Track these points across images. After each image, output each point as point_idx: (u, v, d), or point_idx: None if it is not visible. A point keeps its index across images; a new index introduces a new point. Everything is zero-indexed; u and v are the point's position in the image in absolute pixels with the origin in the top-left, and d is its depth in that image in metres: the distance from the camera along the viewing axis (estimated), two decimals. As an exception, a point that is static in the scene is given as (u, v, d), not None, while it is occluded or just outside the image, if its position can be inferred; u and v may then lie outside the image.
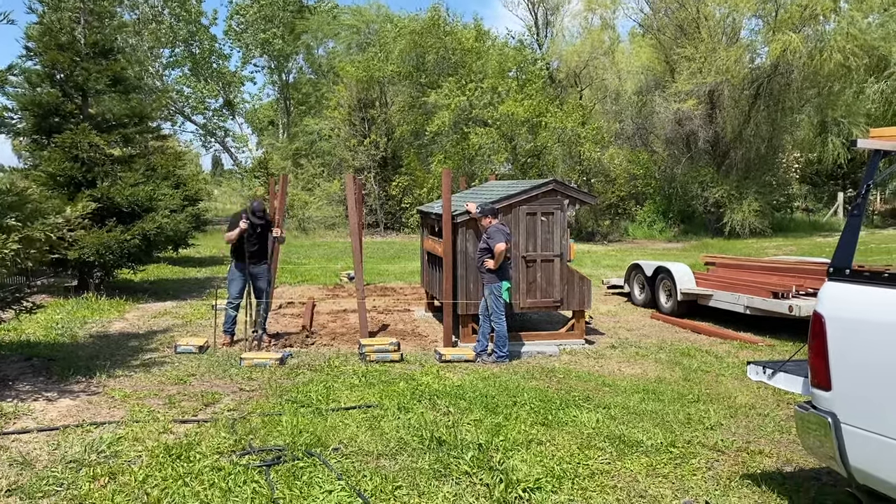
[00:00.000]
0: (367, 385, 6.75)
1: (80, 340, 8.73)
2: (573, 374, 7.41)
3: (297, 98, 42.39)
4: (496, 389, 6.60)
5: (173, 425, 5.54)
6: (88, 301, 11.13)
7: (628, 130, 31.73)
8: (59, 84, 11.53)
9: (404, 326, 10.16)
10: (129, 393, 6.43)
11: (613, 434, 5.34)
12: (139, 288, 13.20)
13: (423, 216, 11.16)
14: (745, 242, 24.87)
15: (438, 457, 4.80)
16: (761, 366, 4.25)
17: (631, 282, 12.25)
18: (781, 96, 26.73)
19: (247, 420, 5.63)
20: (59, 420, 5.66)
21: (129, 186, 11.41)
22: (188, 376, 7.10)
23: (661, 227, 30.03)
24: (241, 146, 45.20)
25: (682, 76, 26.42)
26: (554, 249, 8.75)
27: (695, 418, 5.84)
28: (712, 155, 28.97)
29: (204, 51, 41.83)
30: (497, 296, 7.90)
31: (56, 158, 11.00)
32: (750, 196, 26.59)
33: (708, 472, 4.72)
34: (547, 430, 5.43)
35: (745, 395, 6.61)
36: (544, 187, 8.71)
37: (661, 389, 6.76)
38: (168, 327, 9.70)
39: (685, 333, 9.81)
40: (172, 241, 12.86)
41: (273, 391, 6.54)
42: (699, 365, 7.83)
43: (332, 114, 33.26)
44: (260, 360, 7.60)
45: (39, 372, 7.15)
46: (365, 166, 31.00)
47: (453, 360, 7.90)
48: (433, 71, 30.06)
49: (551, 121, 26.40)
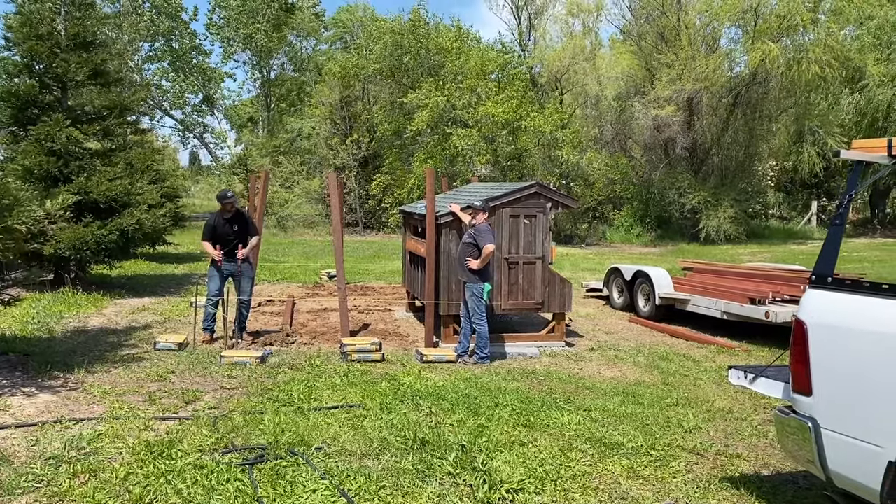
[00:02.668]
0: (348, 385, 6.74)
1: (58, 336, 8.63)
2: (554, 376, 7.46)
3: (277, 94, 42.13)
4: (478, 390, 6.63)
5: (154, 422, 5.49)
6: (65, 296, 10.98)
7: (607, 135, 31.96)
8: (38, 75, 11.37)
9: (385, 326, 10.16)
10: (109, 389, 6.37)
11: (594, 436, 5.39)
12: (116, 283, 13.06)
13: (405, 216, 11.16)
14: (720, 248, 25.15)
15: (422, 457, 4.81)
16: (742, 370, 4.32)
17: (610, 285, 12.35)
18: (759, 105, 27.12)
19: (228, 418, 5.60)
20: (38, 416, 5.59)
21: (107, 181, 11.26)
22: (168, 373, 7.04)
23: (639, 231, 30.27)
24: (220, 142, 44.81)
25: (662, 82, 26.68)
26: (536, 252, 8.80)
27: (674, 421, 5.91)
28: (690, 161, 29.29)
29: (184, 46, 41.43)
30: (478, 297, 7.93)
31: (32, 152, 10.84)
32: (726, 203, 26.92)
33: (688, 474, 4.78)
34: (529, 431, 5.47)
35: (723, 399, 6.70)
36: (528, 190, 8.76)
37: (640, 392, 6.84)
38: (147, 324, 9.61)
39: (663, 337, 9.92)
40: (151, 237, 12.72)
41: (254, 389, 6.51)
42: (677, 369, 7.93)
43: (313, 111, 33.12)
44: (240, 358, 7.55)
45: (16, 367, 7.05)
46: (346, 165, 30.90)
47: (435, 361, 7.92)
48: (414, 71, 30.07)
49: (530, 124, 26.51)
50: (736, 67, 28.29)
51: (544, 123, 26.06)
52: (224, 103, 45.29)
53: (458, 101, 27.71)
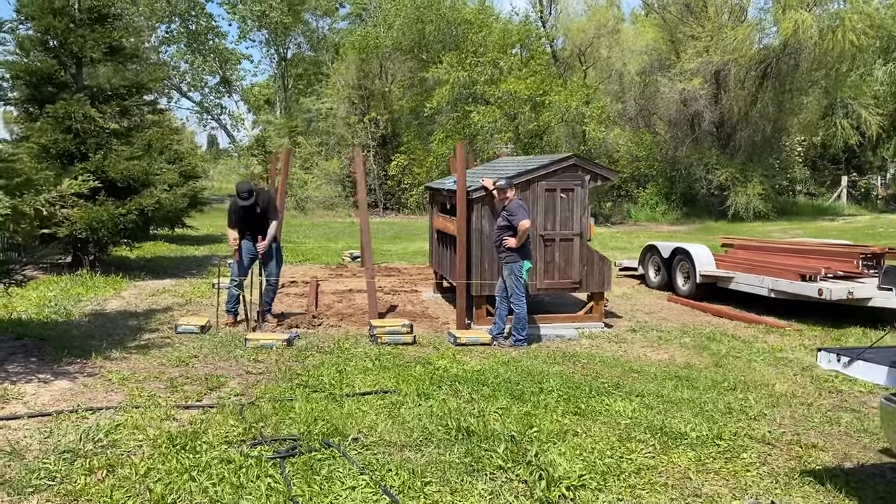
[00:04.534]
0: (381, 369, 6.34)
1: (75, 319, 8.29)
2: (597, 359, 7.01)
3: (295, 74, 41.65)
4: (519, 375, 6.20)
5: (176, 411, 5.12)
6: (83, 278, 10.66)
7: (631, 111, 31.20)
8: (53, 51, 10.98)
9: (413, 308, 9.75)
10: (128, 376, 6.01)
11: (653, 425, 4.94)
12: (135, 265, 12.74)
13: (432, 193, 10.70)
14: (749, 226, 24.46)
15: (468, 449, 4.40)
16: (835, 353, 3.84)
17: (646, 263, 11.83)
18: (789, 77, 26.23)
19: (256, 406, 5.21)
20: (53, 404, 5.24)
21: (125, 160, 10.89)
22: (190, 358, 6.67)
23: (664, 209, 29.57)
24: (238, 124, 44.47)
25: (688, 54, 25.91)
26: (573, 228, 8.32)
27: (735, 408, 5.45)
28: (716, 136, 28.51)
29: (200, 27, 41.02)
30: (517, 276, 7.48)
31: (48, 129, 10.47)
32: (755, 179, 26.16)
33: (762, 467, 4.33)
34: (580, 419, 5.04)
35: (784, 383, 6.22)
36: (564, 162, 8.26)
37: (693, 376, 6.37)
38: (167, 306, 9.26)
39: (706, 317, 9.42)
40: (170, 218, 12.36)
41: (282, 375, 6.13)
42: (728, 350, 7.44)
43: (331, 91, 32.63)
44: (266, 341, 7.17)
45: (31, 352, 6.72)
46: (364, 144, 30.42)
47: (469, 344, 7.49)
48: (434, 45, 29.43)
49: (555, 99, 25.84)
50: (765, 38, 27.39)
51: (570, 98, 25.38)
52: (241, 84, 44.90)
53: (479, 77, 27.09)
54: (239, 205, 7.95)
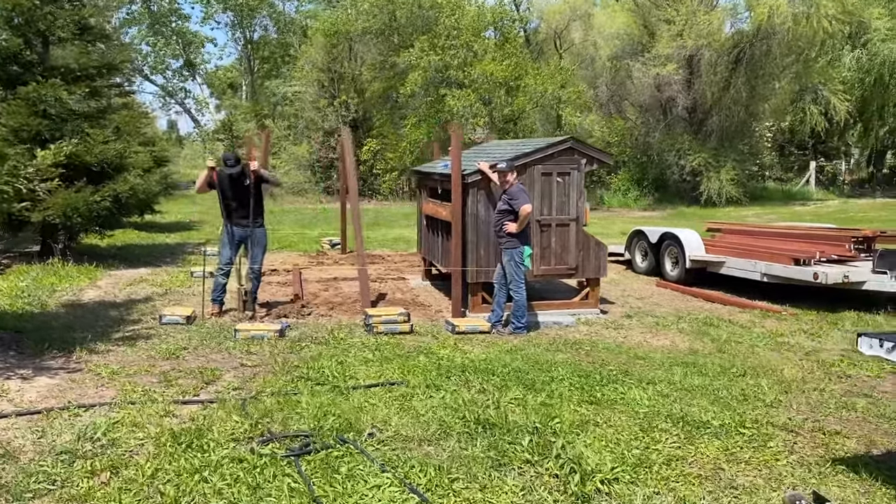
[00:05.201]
0: (382, 359, 6.12)
1: (52, 310, 7.91)
2: (600, 345, 6.88)
3: (261, 57, 40.83)
4: (526, 364, 6.03)
5: (175, 407, 4.85)
6: (54, 267, 10.21)
7: (602, 97, 31.17)
8: (19, 29, 10.45)
9: (403, 296, 9.53)
10: (117, 369, 5.70)
11: (673, 413, 4.81)
12: (107, 254, 12.28)
13: (420, 177, 10.46)
14: (723, 211, 24.64)
15: (491, 442, 4.22)
16: (877, 339, 3.71)
17: (632, 249, 11.75)
18: (762, 62, 26.38)
19: (258, 400, 4.96)
20: (40, 402, 4.93)
21: (100, 144, 10.44)
22: (180, 350, 6.38)
23: (636, 195, 29.64)
24: (202, 108, 43.52)
25: (664, 40, 25.87)
26: (570, 213, 8.16)
27: (750, 394, 5.35)
28: (689, 122, 28.61)
29: (162, 9, 39.93)
30: (518, 262, 7.30)
31: (19, 112, 9.97)
32: (728, 164, 26.34)
33: (791, 455, 4.23)
34: (598, 409, 4.89)
35: (791, 368, 6.15)
36: (561, 145, 8.09)
37: (700, 362, 6.27)
38: (147, 296, 8.90)
39: (698, 302, 9.36)
40: (144, 204, 11.92)
41: (279, 367, 5.87)
42: (728, 336, 7.37)
43: (299, 74, 32.01)
44: (257, 332, 6.90)
45: (9, 346, 6.36)
46: (334, 129, 29.90)
47: (467, 332, 7.31)
48: (405, 28, 28.97)
49: (531, 83, 25.65)
50: (738, 23, 27.53)
51: (546, 82, 25.20)
52: (205, 68, 43.91)
53: (452, 61, 26.75)
54: (225, 173, 7.61)
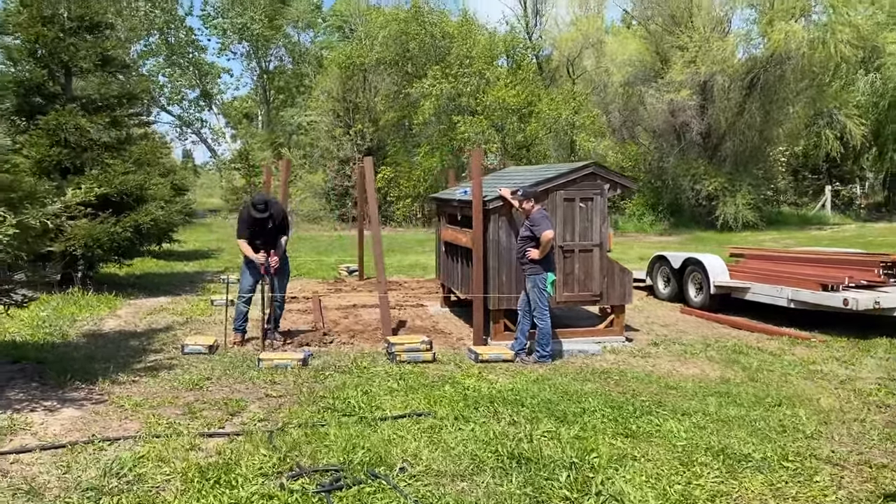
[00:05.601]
0: (407, 389, 6.01)
1: (73, 340, 7.86)
2: (629, 375, 6.74)
3: (276, 87, 41.24)
4: (554, 394, 5.90)
5: (200, 440, 4.76)
6: (74, 297, 10.21)
7: (615, 122, 31.22)
8: (43, 61, 10.56)
9: (422, 323, 9.43)
10: (140, 401, 5.62)
11: (711, 446, 4.67)
12: (126, 282, 12.28)
13: (439, 204, 10.41)
14: (740, 235, 24.45)
15: (527, 478, 4.09)
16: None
17: (654, 274, 11.61)
18: (775, 87, 26.36)
19: (285, 432, 4.86)
20: (64, 435, 4.85)
21: (120, 175, 10.49)
22: (203, 380, 6.30)
23: (651, 220, 29.53)
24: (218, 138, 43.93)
25: (677, 66, 25.93)
26: (593, 238, 8.07)
27: (789, 426, 5.19)
28: (703, 147, 28.55)
29: (180, 41, 40.51)
30: (541, 289, 7.20)
31: (41, 143, 10.04)
32: (743, 189, 26.21)
33: (839, 490, 4.08)
34: (634, 442, 4.75)
35: (827, 397, 5.99)
36: (583, 170, 8.01)
37: (733, 392, 6.12)
38: (168, 325, 8.84)
39: (724, 329, 9.20)
40: (164, 232, 11.94)
41: (305, 397, 5.77)
42: (759, 364, 7.21)
43: (314, 103, 32.28)
44: (281, 360, 6.81)
45: (31, 377, 6.30)
46: (350, 157, 30.08)
47: (491, 361, 7.19)
48: (418, 58, 29.22)
49: (544, 109, 25.72)
50: (750, 49, 27.54)
51: (560, 108, 25.28)
52: (221, 98, 44.40)
53: (464, 88, 26.89)
54: (254, 217, 7.61)
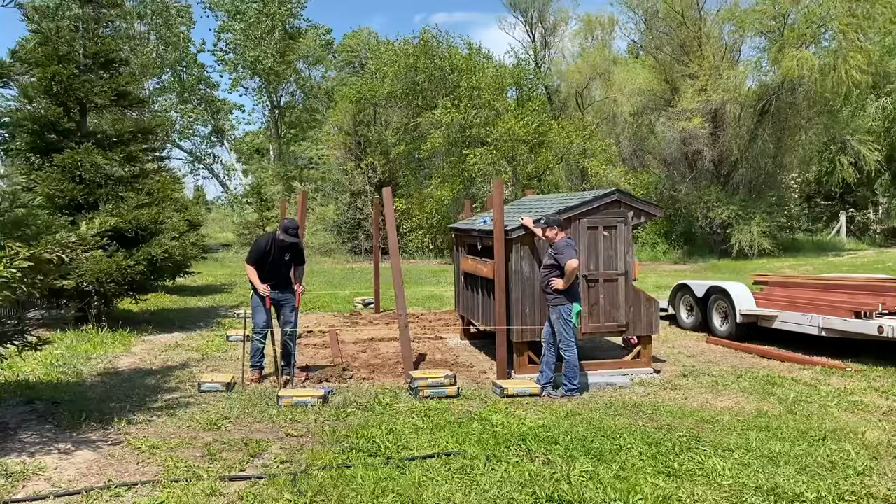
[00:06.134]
0: (433, 427, 5.79)
1: (87, 379, 7.68)
2: (661, 409, 6.49)
3: (288, 122, 41.52)
4: (587, 430, 5.66)
5: (221, 484, 4.55)
6: (88, 334, 10.06)
7: (625, 152, 31.16)
8: (58, 98, 10.55)
9: (443, 356, 9.20)
10: (157, 443, 5.42)
11: (760, 485, 4.42)
12: (140, 318, 12.12)
13: (458, 235, 10.24)
14: (756, 263, 24.13)
15: (569, 522, 3.86)
16: None
17: (677, 303, 11.37)
18: (787, 114, 26.25)
19: (309, 475, 4.65)
20: (79, 480, 4.65)
21: (133, 209, 10.41)
22: (221, 419, 6.10)
23: (665, 248, 29.32)
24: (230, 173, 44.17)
25: (687, 95, 25.87)
26: (618, 267, 7.87)
27: (838, 462, 4.93)
28: (716, 175, 28.38)
29: (192, 77, 40.95)
30: (567, 320, 6.99)
31: (55, 179, 9.99)
32: (758, 216, 25.97)
33: (903, 534, 3.82)
34: (678, 482, 4.50)
35: (873, 431, 5.72)
36: (606, 198, 7.85)
37: (772, 425, 5.86)
38: (184, 362, 8.66)
39: (753, 359, 8.93)
40: (178, 267, 11.82)
41: (327, 437, 5.56)
42: (795, 395, 6.94)
43: (326, 137, 32.44)
44: (300, 398, 6.60)
45: (45, 418, 6.12)
46: (362, 190, 30.10)
47: (517, 395, 6.95)
48: (428, 91, 29.35)
49: (555, 138, 25.70)
50: (762, 76, 27.48)
51: (571, 135, 25.28)
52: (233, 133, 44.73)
53: (474, 119, 26.94)
54: (287, 242, 7.49)
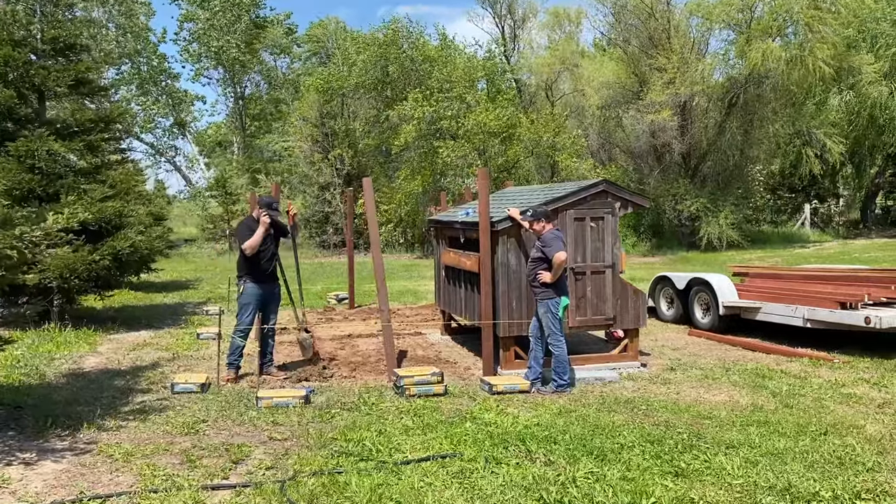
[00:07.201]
0: (424, 427, 5.53)
1: (52, 381, 7.26)
2: (655, 404, 6.31)
3: (252, 114, 40.71)
4: (585, 428, 5.45)
5: (204, 494, 4.24)
6: (51, 333, 9.58)
7: (593, 145, 31.16)
8: (14, 84, 10.02)
9: (424, 352, 8.94)
10: (131, 449, 5.07)
11: (773, 484, 4.25)
12: (105, 316, 11.63)
13: (438, 227, 9.97)
14: (725, 255, 24.29)
15: (583, 530, 3.64)
16: None
17: (656, 296, 11.26)
18: (754, 107, 26.47)
19: (298, 482, 4.36)
20: (48, 493, 4.30)
21: (97, 202, 9.93)
22: (198, 423, 5.76)
23: (634, 241, 29.41)
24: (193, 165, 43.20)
25: (656, 87, 25.92)
26: (605, 259, 7.69)
27: (845, 457, 4.80)
28: (684, 167, 28.54)
29: (152, 69, 39.89)
30: (554, 314, 6.78)
31: (11, 169, 9.48)
32: (726, 209, 26.17)
33: (927, 534, 3.68)
34: (688, 482, 4.32)
35: (872, 424, 5.62)
36: (593, 188, 7.66)
37: (772, 420, 5.72)
38: (154, 362, 8.26)
39: (738, 351, 8.83)
40: (144, 262, 11.35)
41: (314, 440, 5.27)
42: (787, 388, 6.83)
43: (292, 129, 31.86)
44: (282, 399, 6.29)
45: (7, 424, 5.72)
46: (330, 183, 29.62)
47: (506, 392, 6.73)
48: (398, 83, 28.99)
49: (525, 133, 25.55)
50: (729, 69, 27.66)
51: (540, 130, 25.13)
52: (196, 126, 43.76)
53: (445, 112, 26.66)
54: (273, 218, 7.25)
